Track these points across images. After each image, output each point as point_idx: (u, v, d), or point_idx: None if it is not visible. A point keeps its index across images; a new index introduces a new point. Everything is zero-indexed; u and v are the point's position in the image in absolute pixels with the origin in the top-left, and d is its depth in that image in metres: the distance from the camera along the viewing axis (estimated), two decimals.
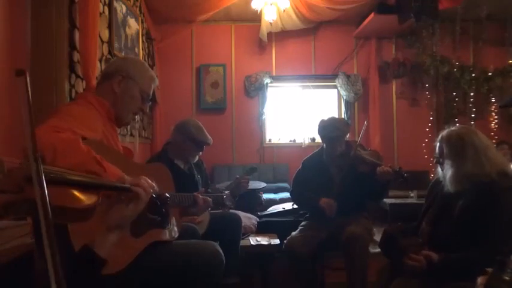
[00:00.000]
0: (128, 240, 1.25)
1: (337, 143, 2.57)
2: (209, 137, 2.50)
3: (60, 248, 0.68)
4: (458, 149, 1.69)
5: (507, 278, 1.00)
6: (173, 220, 1.62)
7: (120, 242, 1.00)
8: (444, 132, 1.79)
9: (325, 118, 2.68)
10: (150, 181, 1.04)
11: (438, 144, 1.80)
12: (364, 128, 2.87)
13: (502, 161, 1.72)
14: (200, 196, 2.05)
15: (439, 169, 1.83)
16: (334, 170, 2.63)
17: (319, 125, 2.64)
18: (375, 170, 2.35)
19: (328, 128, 2.58)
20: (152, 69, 2.44)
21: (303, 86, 5.45)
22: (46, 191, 0.70)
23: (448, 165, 1.73)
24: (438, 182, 1.84)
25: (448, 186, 1.72)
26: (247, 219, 3.23)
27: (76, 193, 0.85)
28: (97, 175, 0.99)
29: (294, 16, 4.82)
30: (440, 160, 1.79)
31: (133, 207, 0.97)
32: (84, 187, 0.87)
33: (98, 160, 1.06)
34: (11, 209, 0.74)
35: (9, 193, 0.73)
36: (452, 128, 1.78)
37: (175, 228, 1.62)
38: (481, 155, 1.65)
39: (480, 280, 1.08)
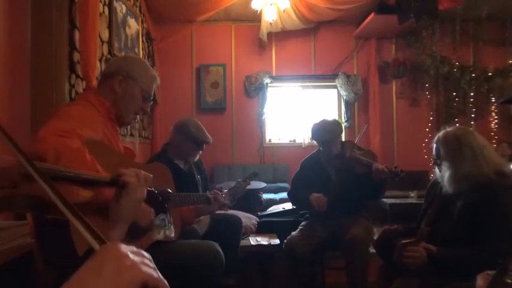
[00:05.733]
0: (128, 243, 1.24)
1: (331, 145, 2.59)
2: (209, 136, 2.50)
3: (63, 250, 0.68)
4: (455, 149, 1.69)
5: (509, 280, 1.01)
6: (171, 220, 1.62)
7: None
8: (440, 134, 1.78)
9: (317, 121, 2.68)
10: (141, 171, 0.98)
11: (435, 145, 1.79)
12: (362, 131, 2.88)
13: (500, 160, 1.72)
14: (218, 192, 2.13)
15: (437, 170, 1.83)
16: (331, 171, 2.63)
17: (311, 129, 2.67)
18: (371, 171, 2.35)
19: (320, 132, 2.60)
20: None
21: (303, 86, 5.44)
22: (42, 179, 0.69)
23: (445, 166, 1.72)
24: (436, 183, 1.84)
25: (447, 187, 1.71)
26: (247, 219, 3.22)
27: (74, 188, 0.85)
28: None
29: (294, 16, 4.81)
30: (438, 161, 1.78)
31: (129, 198, 0.92)
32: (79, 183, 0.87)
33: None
34: (5, 203, 0.76)
35: (4, 188, 0.76)
36: (448, 129, 1.77)
37: (172, 228, 1.62)
38: (478, 155, 1.65)
39: (480, 281, 1.08)
